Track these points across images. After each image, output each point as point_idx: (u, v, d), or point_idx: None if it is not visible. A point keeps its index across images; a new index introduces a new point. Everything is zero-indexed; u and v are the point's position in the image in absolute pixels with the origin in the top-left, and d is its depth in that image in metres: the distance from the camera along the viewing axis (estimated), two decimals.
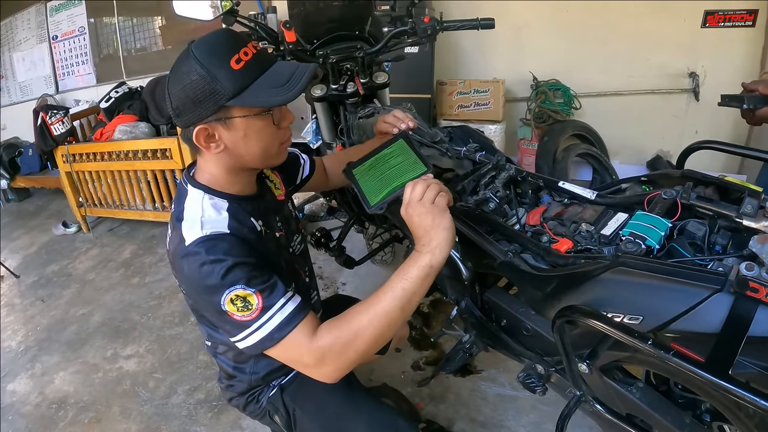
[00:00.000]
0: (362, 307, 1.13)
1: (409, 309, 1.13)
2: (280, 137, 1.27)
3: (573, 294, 1.17)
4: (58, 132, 4.54)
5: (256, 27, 1.87)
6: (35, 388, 2.89)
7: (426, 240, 1.10)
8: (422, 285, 1.11)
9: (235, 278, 1.11)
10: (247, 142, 1.20)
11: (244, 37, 1.18)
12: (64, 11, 6.04)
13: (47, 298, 3.89)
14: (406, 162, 1.28)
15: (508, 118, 4.26)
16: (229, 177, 1.29)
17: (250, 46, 1.14)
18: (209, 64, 1.10)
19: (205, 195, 1.26)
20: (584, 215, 1.38)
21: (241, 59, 1.12)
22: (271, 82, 1.15)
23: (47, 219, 5.58)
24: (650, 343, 0.88)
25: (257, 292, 1.12)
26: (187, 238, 1.16)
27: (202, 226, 1.17)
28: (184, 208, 1.24)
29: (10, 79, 6.85)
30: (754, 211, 1.12)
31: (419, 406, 2.30)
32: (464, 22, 1.82)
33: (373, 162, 1.32)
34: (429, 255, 1.09)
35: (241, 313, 1.11)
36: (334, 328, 1.12)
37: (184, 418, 2.49)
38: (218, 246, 1.13)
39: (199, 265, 1.12)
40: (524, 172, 1.61)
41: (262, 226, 1.34)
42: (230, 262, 1.11)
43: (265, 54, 1.18)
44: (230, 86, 1.11)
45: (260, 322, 1.12)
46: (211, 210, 1.23)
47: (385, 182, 1.25)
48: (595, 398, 1.31)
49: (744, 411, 1.00)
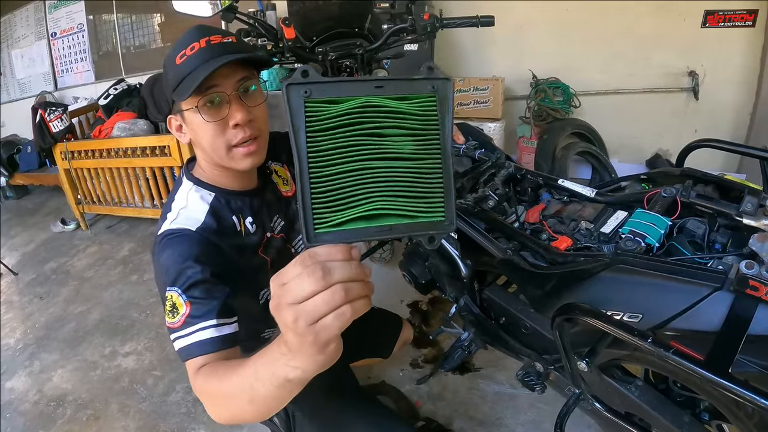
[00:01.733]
0: (230, 377, 0.88)
1: (263, 408, 0.83)
2: (228, 138, 1.20)
3: (572, 292, 1.17)
4: (56, 129, 4.53)
5: (255, 24, 1.86)
6: (33, 386, 2.89)
7: (289, 356, 0.69)
8: (277, 393, 0.77)
9: (176, 278, 1.09)
10: (196, 137, 1.23)
11: (206, 30, 1.18)
12: (63, 8, 6.04)
13: (45, 296, 3.89)
14: (419, 157, 0.69)
15: (507, 116, 4.25)
16: (216, 170, 1.29)
17: (203, 41, 1.14)
18: (167, 60, 1.19)
19: (193, 186, 1.29)
20: (584, 213, 1.38)
21: (185, 54, 1.14)
22: (202, 72, 1.12)
23: (46, 216, 5.58)
24: (650, 341, 0.88)
25: (188, 302, 1.08)
26: (161, 228, 1.21)
27: (175, 218, 1.21)
28: (174, 198, 1.29)
29: (9, 76, 6.85)
30: (754, 209, 1.12)
31: (417, 404, 2.30)
32: (464, 20, 1.82)
33: (346, 112, 0.65)
34: (288, 369, 0.70)
35: (168, 317, 1.10)
36: (211, 378, 0.97)
37: (182, 416, 2.48)
38: (177, 244, 1.15)
39: (160, 258, 1.15)
40: (524, 170, 1.61)
41: (247, 225, 1.33)
42: (180, 261, 1.11)
43: (218, 47, 1.16)
44: (171, 80, 1.17)
45: (178, 334, 1.07)
46: (195, 201, 1.26)
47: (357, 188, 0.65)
48: (594, 396, 1.31)
49: (743, 410, 1.00)
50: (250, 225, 1.34)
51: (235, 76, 1.18)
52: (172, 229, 1.18)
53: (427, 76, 0.69)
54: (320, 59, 1.85)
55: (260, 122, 1.24)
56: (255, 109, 1.22)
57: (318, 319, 0.59)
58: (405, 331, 2.22)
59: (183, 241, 1.15)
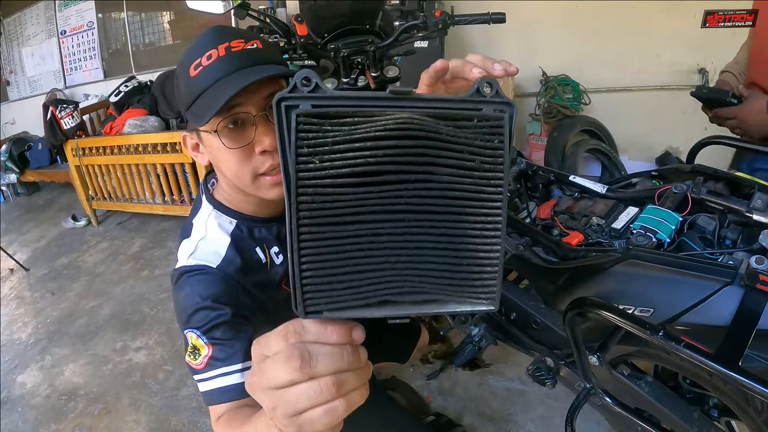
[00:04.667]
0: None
1: None
2: (254, 166, 1.03)
3: (584, 286, 1.17)
4: (67, 126, 4.56)
5: (267, 20, 1.87)
6: (45, 380, 2.92)
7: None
8: None
9: (197, 322, 1.02)
10: (216, 161, 1.08)
11: (225, 33, 0.99)
12: (73, 6, 6.06)
13: (57, 291, 3.92)
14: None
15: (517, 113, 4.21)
16: (239, 195, 1.15)
17: (221, 48, 0.96)
18: (180, 68, 1.02)
19: (213, 212, 1.17)
20: (595, 209, 1.38)
21: (200, 64, 0.97)
22: (223, 90, 0.94)
23: (57, 213, 5.62)
24: (661, 335, 0.89)
25: (209, 344, 1.02)
26: (179, 260, 1.12)
27: (193, 252, 1.10)
28: (192, 224, 1.18)
29: (20, 74, 6.88)
30: (764, 205, 1.13)
31: (428, 399, 2.31)
32: (475, 17, 1.82)
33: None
34: None
35: (189, 357, 1.04)
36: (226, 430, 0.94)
37: (193, 410, 2.50)
38: (197, 283, 1.06)
39: (178, 296, 1.07)
40: (535, 166, 1.61)
41: (272, 255, 1.21)
42: (200, 302, 1.03)
43: (241, 56, 0.98)
44: (185, 95, 1.01)
45: (201, 376, 1.02)
46: (215, 231, 1.14)
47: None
48: (605, 391, 1.31)
49: (752, 406, 1.00)
50: (276, 255, 1.22)
51: (262, 92, 0.99)
52: (190, 265, 1.08)
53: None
54: (332, 56, 1.86)
55: None
56: None
57: (301, 412, 0.47)
58: (422, 337, 2.22)
59: (202, 280, 1.06)
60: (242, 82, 0.92)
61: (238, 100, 0.96)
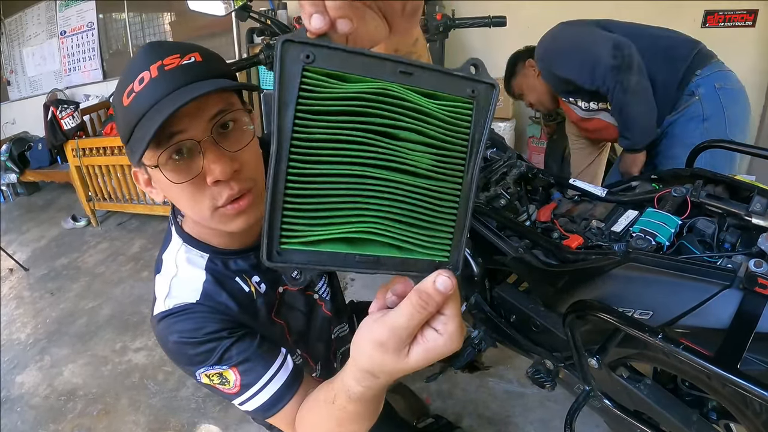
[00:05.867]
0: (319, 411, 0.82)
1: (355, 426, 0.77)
2: (210, 198, 0.89)
3: (584, 289, 1.18)
4: (68, 126, 4.57)
5: (269, 22, 1.88)
6: (44, 380, 2.92)
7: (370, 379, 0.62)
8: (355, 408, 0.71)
9: (204, 358, 0.94)
10: (168, 198, 0.95)
11: (157, 50, 0.85)
12: (73, 7, 6.06)
13: (56, 291, 3.92)
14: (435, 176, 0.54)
15: (517, 115, 4.24)
16: (204, 228, 1.03)
17: (153, 68, 0.82)
18: (114, 99, 0.89)
19: (182, 246, 1.05)
20: (595, 212, 1.39)
21: (133, 90, 0.82)
22: (154, 118, 0.79)
23: (57, 213, 5.62)
24: (660, 337, 0.89)
25: (233, 367, 0.95)
26: (156, 307, 1.01)
27: (168, 293, 1.00)
28: (162, 259, 1.08)
29: (20, 74, 6.89)
30: (763, 209, 1.14)
31: (427, 401, 2.31)
32: (476, 20, 1.83)
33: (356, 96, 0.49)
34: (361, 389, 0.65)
35: (223, 386, 0.97)
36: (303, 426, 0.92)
37: (192, 411, 2.51)
38: (183, 322, 0.96)
39: (167, 342, 0.97)
40: (535, 169, 1.62)
41: (254, 284, 1.10)
42: (197, 340, 0.94)
43: (175, 73, 0.83)
44: (122, 128, 0.87)
45: (246, 396, 0.97)
46: (186, 268, 1.03)
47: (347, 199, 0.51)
48: (604, 393, 1.32)
49: (751, 408, 1.01)
50: (258, 285, 1.11)
51: (207, 111, 0.85)
52: (169, 309, 0.97)
53: (467, 75, 0.53)
54: None
55: (250, 169, 0.92)
56: (240, 154, 0.90)
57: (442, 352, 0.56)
58: None
59: (189, 319, 0.96)
60: (172, 106, 0.77)
61: (179, 126, 0.83)
